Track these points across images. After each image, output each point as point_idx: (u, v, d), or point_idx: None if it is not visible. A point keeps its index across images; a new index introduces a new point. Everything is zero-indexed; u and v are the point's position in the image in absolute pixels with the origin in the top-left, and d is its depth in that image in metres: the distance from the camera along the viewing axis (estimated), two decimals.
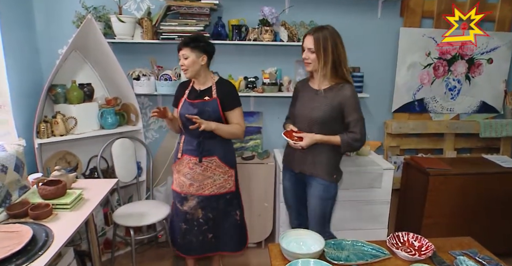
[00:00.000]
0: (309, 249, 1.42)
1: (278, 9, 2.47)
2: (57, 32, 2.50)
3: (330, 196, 1.90)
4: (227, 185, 2.08)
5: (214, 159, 2.02)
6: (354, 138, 1.78)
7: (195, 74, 1.96)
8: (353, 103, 1.76)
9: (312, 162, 1.87)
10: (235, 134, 2.01)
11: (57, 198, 1.79)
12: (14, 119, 2.18)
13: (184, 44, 1.90)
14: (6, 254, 1.32)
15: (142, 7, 2.53)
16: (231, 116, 2.01)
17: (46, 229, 1.57)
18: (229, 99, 1.99)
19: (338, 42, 1.74)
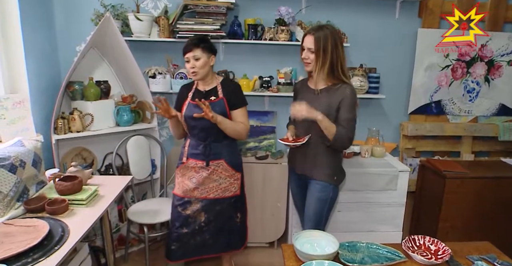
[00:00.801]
0: (323, 250, 1.40)
1: (294, 9, 2.45)
2: (76, 29, 2.53)
3: (327, 198, 1.85)
4: (232, 189, 2.06)
5: (221, 162, 2.00)
6: (348, 135, 1.73)
7: (205, 75, 1.93)
8: (351, 103, 1.73)
9: (312, 163, 1.85)
10: (239, 132, 1.96)
11: (73, 193, 1.82)
12: (33, 115, 2.21)
13: (195, 45, 1.85)
14: (23, 248, 1.34)
15: (159, 6, 2.54)
16: (236, 115, 1.97)
17: (62, 224, 1.60)
18: (235, 98, 1.96)
19: (338, 43, 1.70)
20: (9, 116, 2.12)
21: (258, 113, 2.83)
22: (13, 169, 1.67)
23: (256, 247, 2.74)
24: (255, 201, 2.61)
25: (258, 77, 2.65)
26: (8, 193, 1.66)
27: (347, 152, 2.57)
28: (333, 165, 1.85)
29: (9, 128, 2.11)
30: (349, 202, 2.41)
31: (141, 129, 2.58)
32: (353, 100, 1.73)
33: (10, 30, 2.14)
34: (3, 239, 1.42)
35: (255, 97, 2.77)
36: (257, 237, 2.69)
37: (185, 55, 1.88)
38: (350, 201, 2.41)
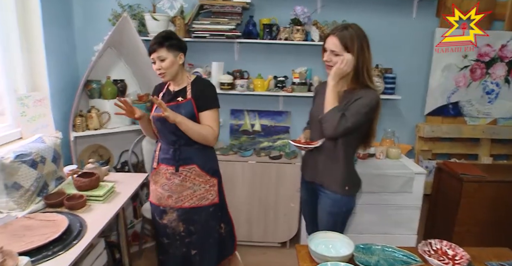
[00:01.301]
0: (338, 252, 1.40)
1: (310, 8, 2.44)
2: (94, 29, 2.59)
3: (340, 212, 1.68)
4: (209, 196, 1.87)
5: (193, 167, 1.82)
6: (345, 119, 1.49)
7: (175, 75, 1.78)
8: (366, 103, 1.51)
9: (322, 170, 1.68)
10: (204, 136, 1.76)
11: (90, 190, 1.86)
12: (52, 112, 2.27)
13: (159, 45, 1.68)
14: (44, 241, 1.38)
15: (175, 6, 2.57)
16: (203, 118, 1.77)
17: (80, 220, 1.63)
18: (204, 99, 1.78)
19: (364, 45, 1.54)
20: (30, 114, 2.18)
21: (272, 113, 2.83)
22: (34, 165, 1.72)
23: (268, 247, 2.74)
24: (268, 201, 2.62)
25: (273, 77, 2.65)
26: (30, 188, 1.70)
27: (361, 153, 2.55)
28: (346, 173, 1.65)
29: (30, 125, 2.17)
30: (364, 204, 2.39)
31: None
32: (371, 102, 1.52)
33: (31, 31, 2.20)
34: (24, 232, 1.47)
35: (269, 97, 2.77)
36: (269, 237, 2.70)
37: (150, 55, 1.73)
38: (365, 203, 2.39)
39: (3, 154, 1.64)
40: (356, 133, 1.61)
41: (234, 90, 2.57)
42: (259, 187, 2.61)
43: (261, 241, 2.70)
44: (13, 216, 1.62)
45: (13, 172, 1.64)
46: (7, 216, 1.62)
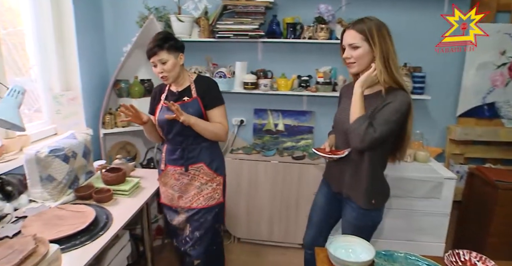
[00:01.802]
0: (358, 257, 1.35)
1: (334, 6, 2.41)
2: (122, 31, 2.69)
3: (367, 225, 1.59)
4: (215, 195, 1.85)
5: (201, 166, 1.82)
6: (374, 129, 1.37)
7: (177, 77, 1.75)
8: (396, 107, 1.38)
9: (349, 182, 1.58)
10: (217, 133, 1.78)
11: (117, 184, 1.94)
12: (84, 110, 2.40)
13: (159, 47, 1.64)
14: (73, 231, 1.46)
15: (200, 7, 2.62)
16: (212, 115, 1.78)
17: (106, 212, 1.72)
18: (210, 97, 1.77)
19: (385, 35, 1.40)
20: (64, 111, 2.31)
21: (296, 113, 2.82)
22: (66, 159, 1.83)
23: (288, 247, 2.73)
24: (290, 201, 2.61)
25: (297, 77, 2.64)
26: (62, 180, 1.81)
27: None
28: (373, 187, 1.53)
29: (63, 122, 2.31)
30: (388, 208, 2.32)
31: None
32: (401, 107, 1.38)
33: (65, 34, 2.34)
34: (56, 221, 1.56)
35: (293, 97, 2.76)
36: (290, 237, 2.69)
37: (150, 59, 1.68)
38: (389, 207, 2.32)
39: (39, 148, 1.76)
40: (385, 142, 1.47)
41: (258, 89, 2.58)
42: (281, 187, 2.61)
43: (282, 241, 2.70)
44: (46, 206, 1.73)
45: (47, 165, 1.75)
46: (41, 206, 1.73)
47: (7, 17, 2.10)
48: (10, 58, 2.10)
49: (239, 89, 2.62)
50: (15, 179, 1.79)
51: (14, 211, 1.69)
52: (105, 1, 2.66)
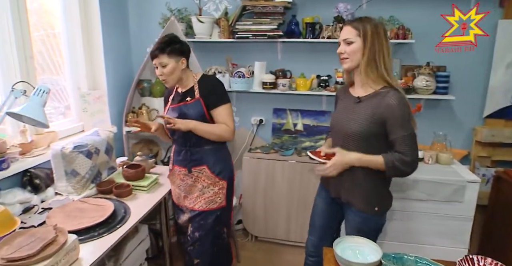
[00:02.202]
0: (365, 258, 1.34)
1: (354, 4, 2.38)
2: (147, 32, 2.79)
3: (370, 230, 1.56)
4: (217, 199, 1.85)
5: (203, 168, 1.82)
6: (402, 159, 1.39)
7: (177, 81, 1.77)
8: (399, 117, 1.38)
9: (349, 188, 1.55)
10: (220, 135, 1.76)
11: (136, 180, 2.03)
12: (109, 109, 2.51)
13: (161, 51, 1.67)
14: (91, 223, 1.55)
15: (220, 8, 2.67)
16: (216, 115, 1.77)
17: (125, 206, 1.80)
18: (213, 97, 1.76)
19: (380, 32, 1.41)
20: (90, 109, 2.43)
21: (315, 113, 2.81)
22: (89, 155, 1.92)
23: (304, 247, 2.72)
24: (307, 201, 2.60)
25: (316, 76, 2.63)
26: (85, 175, 1.91)
27: None
28: (374, 191, 1.53)
29: (90, 119, 2.42)
30: (407, 211, 2.26)
31: None
32: (404, 112, 1.38)
33: (92, 36, 2.46)
34: (77, 214, 1.66)
35: (312, 97, 2.75)
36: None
37: (152, 61, 1.73)
38: (409, 210, 2.26)
39: (64, 144, 1.86)
40: (378, 145, 1.46)
41: (276, 89, 2.60)
42: (299, 187, 2.61)
43: (299, 241, 2.69)
44: (70, 199, 1.83)
45: (71, 161, 1.85)
46: (66, 199, 1.84)
47: (46, 19, 2.24)
48: (50, 58, 2.24)
49: (258, 89, 2.65)
50: (42, 173, 1.90)
51: (41, 202, 1.80)
52: (130, 3, 2.76)
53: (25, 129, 1.93)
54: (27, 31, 1.94)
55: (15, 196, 1.70)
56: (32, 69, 1.99)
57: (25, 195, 1.75)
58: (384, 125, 1.41)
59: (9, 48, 1.86)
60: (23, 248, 1.22)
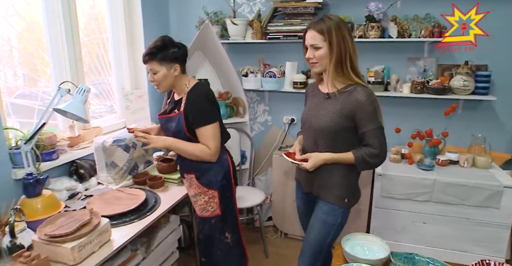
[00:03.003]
0: (374, 255, 1.35)
1: (387, 3, 2.33)
2: (186, 34, 2.94)
3: (335, 223, 1.57)
4: (209, 208, 1.80)
5: (192, 177, 1.79)
6: (371, 152, 1.45)
7: (170, 87, 1.71)
8: (368, 112, 1.42)
9: (319, 182, 1.59)
10: (198, 156, 1.67)
11: (169, 173, 2.17)
12: (149, 107, 2.71)
13: (151, 57, 1.60)
14: (123, 210, 1.70)
15: (254, 10, 2.75)
16: (198, 135, 1.67)
17: (156, 197, 1.94)
18: (195, 115, 1.63)
19: (345, 34, 1.41)
20: (132, 107, 2.63)
21: None
22: (127, 149, 2.10)
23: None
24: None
25: None
26: (122, 167, 2.09)
27: (441, 159, 2.33)
28: (345, 184, 1.56)
29: (132, 117, 2.62)
30: (438, 215, 2.19)
31: (234, 123, 2.85)
32: (372, 106, 1.42)
33: (135, 38, 2.65)
34: (113, 201, 1.83)
35: None
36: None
37: (145, 64, 1.68)
38: (439, 214, 2.19)
39: (105, 138, 2.06)
40: (347, 139, 1.51)
41: None
42: None
43: None
44: (109, 188, 2.02)
45: (111, 153, 2.04)
46: (106, 188, 2.03)
47: (97, 25, 2.47)
48: (98, 61, 2.47)
49: (289, 88, 2.69)
50: (87, 164, 2.11)
51: (84, 190, 2.01)
52: (171, 8, 2.94)
53: (73, 124, 2.16)
54: (77, 35, 2.16)
55: (63, 184, 1.91)
56: (81, 70, 2.22)
57: (71, 183, 1.96)
58: (353, 119, 1.45)
59: (61, 51, 2.09)
60: (63, 227, 1.39)
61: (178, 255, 2.34)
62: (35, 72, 2.08)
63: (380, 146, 1.46)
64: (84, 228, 1.40)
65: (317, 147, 1.55)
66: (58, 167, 1.95)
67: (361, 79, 1.48)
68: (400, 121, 2.54)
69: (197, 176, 1.77)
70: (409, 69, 2.53)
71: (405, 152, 2.45)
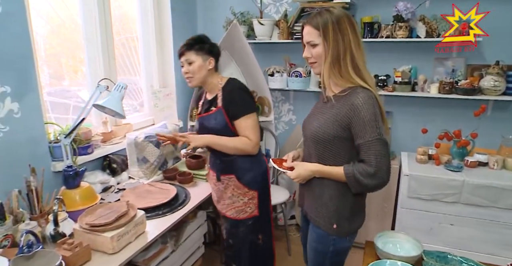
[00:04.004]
0: (406, 253, 1.36)
1: (416, 3, 2.32)
2: (212, 34, 2.91)
3: (326, 251, 1.36)
4: (247, 209, 1.76)
5: (232, 177, 1.74)
6: (365, 171, 1.19)
7: (202, 81, 1.70)
8: (364, 119, 1.18)
9: (310, 200, 1.40)
10: (240, 149, 1.65)
11: (197, 169, 2.23)
12: (176, 104, 2.78)
13: (188, 47, 1.64)
14: (156, 203, 1.76)
15: (280, 10, 2.78)
16: (238, 127, 1.65)
17: (186, 192, 2.00)
18: (234, 107, 1.63)
19: (344, 27, 1.21)
20: (161, 105, 2.70)
21: None
22: (158, 145, 2.17)
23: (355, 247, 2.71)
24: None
25: (374, 76, 2.61)
26: (153, 162, 2.16)
27: (470, 160, 2.29)
28: (336, 206, 1.31)
29: (160, 114, 2.70)
30: (466, 216, 2.16)
31: (259, 122, 2.87)
32: (370, 112, 1.17)
33: (164, 40, 2.73)
34: (146, 195, 1.89)
35: None
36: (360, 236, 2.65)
37: (179, 59, 1.70)
38: (468, 216, 2.16)
39: (137, 134, 2.13)
40: (343, 153, 1.27)
41: None
42: None
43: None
44: (140, 182, 2.09)
45: (142, 149, 2.11)
46: (137, 182, 2.10)
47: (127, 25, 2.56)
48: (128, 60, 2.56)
49: (314, 88, 2.71)
50: (119, 159, 2.19)
51: (117, 184, 2.09)
52: (198, 9, 3.00)
53: (106, 120, 2.24)
54: (111, 35, 2.25)
55: (97, 177, 1.99)
56: (114, 68, 2.30)
57: (104, 176, 2.04)
58: (349, 128, 1.22)
59: (96, 50, 2.18)
60: (102, 217, 1.45)
61: (204, 250, 2.39)
62: (59, 71, 2.15)
63: (376, 163, 1.18)
64: (121, 219, 1.46)
65: (311, 157, 1.35)
66: (92, 161, 2.03)
67: (364, 80, 1.24)
68: (426, 121, 2.52)
69: (238, 176, 1.73)
70: (437, 69, 2.51)
71: (432, 153, 2.42)
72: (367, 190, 1.29)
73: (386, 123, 1.27)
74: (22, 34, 1.63)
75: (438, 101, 2.52)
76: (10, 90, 1.59)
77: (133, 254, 1.43)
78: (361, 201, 1.39)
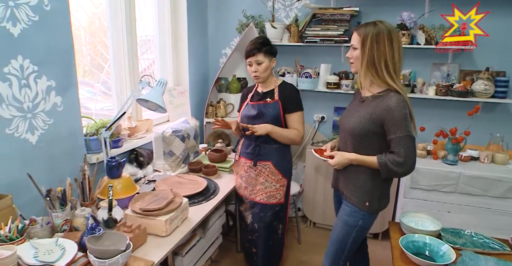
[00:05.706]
0: (427, 228, 1.58)
1: (417, 13, 2.56)
2: (222, 36, 3.15)
3: (355, 224, 1.58)
4: (277, 195, 1.99)
5: (268, 164, 1.96)
6: (395, 160, 1.43)
7: (265, 79, 1.94)
8: (396, 118, 1.41)
9: (345, 182, 1.64)
10: (292, 139, 1.92)
11: (220, 162, 2.36)
12: (190, 102, 2.89)
13: (258, 50, 1.86)
14: (193, 192, 1.89)
15: (290, 15, 2.96)
16: (290, 120, 1.93)
17: (213, 182, 2.14)
18: (290, 102, 1.92)
19: (382, 40, 1.43)
20: (175, 102, 2.81)
21: None
22: (183, 139, 2.29)
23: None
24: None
25: None
26: (179, 156, 2.28)
27: (463, 155, 2.56)
28: (369, 188, 1.56)
29: (174, 111, 2.81)
30: (462, 204, 2.41)
31: None
32: (401, 113, 1.41)
33: (179, 40, 2.84)
34: (177, 185, 2.02)
35: None
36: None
37: (247, 59, 1.91)
38: (463, 204, 2.41)
39: (164, 129, 2.24)
40: (376, 144, 1.51)
41: (339, 89, 2.83)
42: None
43: None
44: (167, 174, 2.20)
45: (170, 143, 2.23)
46: (164, 174, 2.21)
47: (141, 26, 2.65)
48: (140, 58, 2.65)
49: (322, 88, 2.90)
50: (145, 152, 2.29)
51: (143, 176, 2.19)
52: (209, 11, 3.14)
53: (131, 116, 2.34)
54: (135, 33, 2.34)
55: (127, 169, 2.09)
56: (136, 66, 2.40)
57: (133, 169, 2.14)
58: (382, 125, 1.46)
59: (121, 47, 2.27)
60: (152, 203, 1.57)
61: (222, 240, 2.52)
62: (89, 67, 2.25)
63: (405, 154, 1.42)
64: (170, 204, 1.59)
65: (347, 147, 1.60)
66: (122, 154, 2.12)
67: (397, 85, 1.47)
68: (424, 121, 2.77)
69: (275, 163, 1.96)
70: (434, 73, 2.77)
71: (430, 149, 2.68)
72: (395, 176, 1.55)
73: (414, 122, 1.51)
74: (66, 30, 1.70)
75: (434, 102, 2.78)
76: (55, 85, 1.67)
77: (183, 237, 1.55)
78: (388, 186, 1.65)
